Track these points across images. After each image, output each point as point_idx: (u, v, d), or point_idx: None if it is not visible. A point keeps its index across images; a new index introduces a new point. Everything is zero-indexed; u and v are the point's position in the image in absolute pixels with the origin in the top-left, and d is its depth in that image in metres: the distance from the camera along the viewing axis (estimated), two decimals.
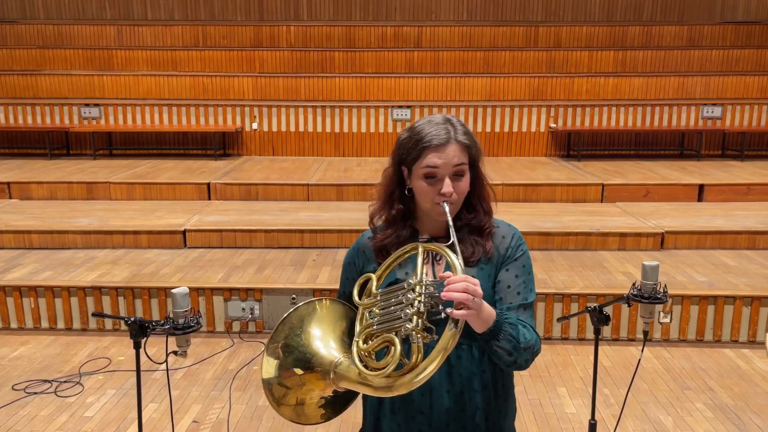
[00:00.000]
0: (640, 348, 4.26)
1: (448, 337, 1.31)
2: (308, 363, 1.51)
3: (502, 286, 1.55)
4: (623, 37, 9.35)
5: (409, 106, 8.04)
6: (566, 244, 5.29)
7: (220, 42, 9.41)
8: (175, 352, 2.09)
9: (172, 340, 2.17)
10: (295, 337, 1.52)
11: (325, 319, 1.57)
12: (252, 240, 5.36)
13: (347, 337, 1.57)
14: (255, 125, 8.13)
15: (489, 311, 1.42)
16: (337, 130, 8.16)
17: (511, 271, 1.55)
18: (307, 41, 9.36)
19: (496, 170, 7.09)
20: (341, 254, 5.18)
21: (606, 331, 4.37)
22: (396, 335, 1.37)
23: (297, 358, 1.51)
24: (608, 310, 2.34)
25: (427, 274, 1.42)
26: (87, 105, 8.12)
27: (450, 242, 1.41)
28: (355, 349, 1.45)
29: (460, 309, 1.31)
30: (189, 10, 9.71)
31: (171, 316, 2.06)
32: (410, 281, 1.40)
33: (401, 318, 1.37)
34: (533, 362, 1.53)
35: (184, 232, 5.33)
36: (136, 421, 2.40)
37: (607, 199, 6.38)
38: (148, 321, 2.14)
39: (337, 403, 1.58)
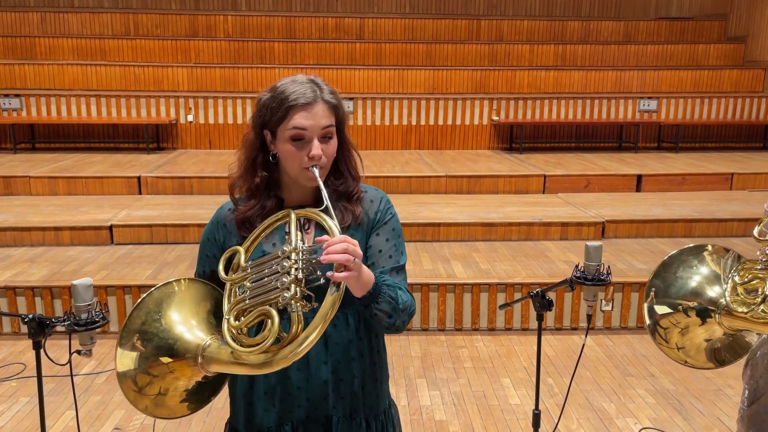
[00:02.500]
0: (582, 337, 4.24)
1: (330, 302, 1.24)
2: (172, 349, 1.37)
3: (374, 251, 1.50)
4: (563, 32, 9.46)
5: (351, 98, 7.87)
6: (509, 234, 5.24)
7: (153, 31, 9.01)
8: (78, 352, 1.86)
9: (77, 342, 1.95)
10: (153, 323, 1.37)
11: (186, 301, 1.43)
12: (185, 235, 5.09)
13: (213, 318, 1.44)
14: (191, 117, 7.79)
15: (368, 274, 1.36)
16: None
17: (381, 236, 1.51)
18: (245, 31, 9.07)
19: (439, 162, 7.01)
20: None
21: (549, 320, 4.32)
22: (272, 307, 1.27)
23: (158, 346, 1.36)
24: (551, 295, 2.25)
25: (303, 241, 1.33)
26: (6, 96, 7.59)
27: (324, 206, 1.33)
28: (225, 327, 1.33)
29: (341, 272, 1.25)
30: None
31: (72, 311, 1.83)
32: (284, 248, 1.30)
33: (277, 288, 1.27)
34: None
35: (110, 228, 5.01)
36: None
37: (549, 190, 6.39)
38: (48, 318, 1.90)
39: (203, 392, 1.45)
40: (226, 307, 1.36)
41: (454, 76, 8.40)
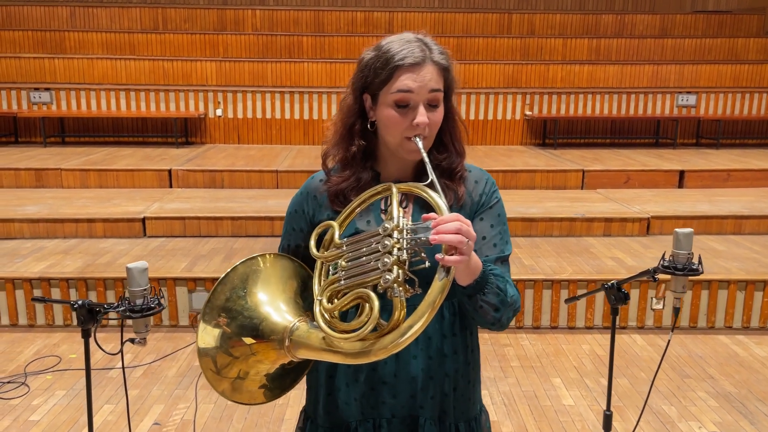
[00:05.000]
0: (634, 336, 4.07)
1: (439, 289, 1.08)
2: (256, 330, 1.24)
3: (477, 237, 1.30)
4: (596, 26, 9.25)
5: None
6: (550, 230, 5.07)
7: (182, 26, 8.96)
8: (132, 340, 1.75)
9: (127, 334, 1.83)
10: (238, 300, 1.25)
11: (272, 278, 1.30)
12: (218, 228, 4.99)
13: (300, 299, 1.31)
14: (219, 111, 7.71)
15: (476, 260, 1.20)
16: (306, 116, 7.80)
17: (486, 221, 1.35)
18: (273, 26, 8.99)
19: (471, 157, 6.79)
20: None
21: (597, 318, 4.15)
22: (370, 290, 1.13)
23: (242, 325, 1.24)
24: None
25: (405, 218, 1.16)
26: (37, 89, 7.57)
27: (429, 180, 1.17)
28: (318, 310, 1.19)
29: (452, 254, 1.08)
30: None
31: (127, 296, 1.71)
32: (386, 225, 1.14)
33: (378, 269, 1.12)
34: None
35: (143, 220, 4.92)
36: (87, 425, 2.04)
37: (588, 186, 6.19)
38: (99, 304, 1.79)
39: (284, 379, 1.32)
40: (317, 287, 1.23)
41: (486, 71, 8.23)
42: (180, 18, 8.95)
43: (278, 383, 1.31)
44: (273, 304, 1.27)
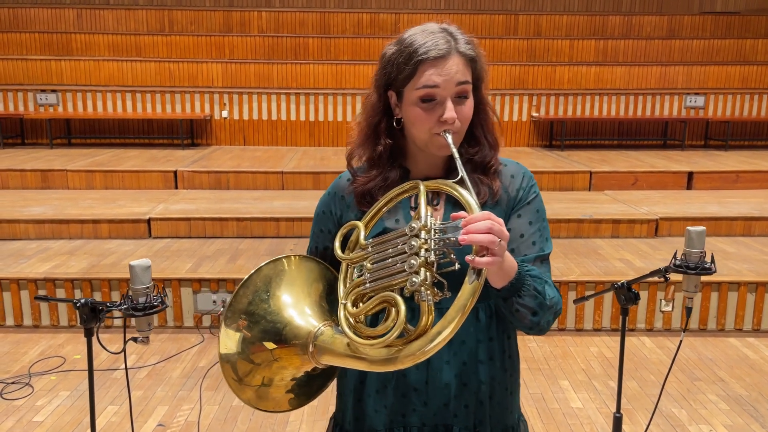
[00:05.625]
0: (643, 338, 4.02)
1: (469, 292, 1.01)
2: (280, 334, 1.19)
3: (514, 235, 1.25)
4: (603, 27, 9.20)
5: None
6: (557, 231, 5.02)
7: (188, 28, 8.97)
8: (135, 339, 1.73)
9: (131, 334, 1.80)
10: (261, 304, 1.20)
11: (297, 281, 1.25)
12: (223, 229, 4.97)
13: (326, 302, 1.26)
14: (225, 113, 7.71)
15: (510, 260, 1.13)
16: (312, 118, 7.79)
17: (523, 217, 1.27)
18: (279, 28, 8.98)
19: None
20: None
21: (605, 320, 4.10)
22: (397, 294, 1.07)
23: (265, 330, 1.19)
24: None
25: (433, 217, 1.10)
26: (43, 91, 7.59)
27: (459, 177, 1.11)
28: (342, 314, 1.14)
29: (483, 256, 1.02)
30: None
31: (130, 294, 1.69)
32: (413, 225, 1.08)
33: (404, 271, 1.06)
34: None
35: (148, 221, 4.91)
36: (90, 426, 2.02)
37: (595, 188, 6.15)
38: (102, 303, 1.76)
39: (311, 386, 1.27)
40: (342, 290, 1.18)
41: (493, 72, 8.18)
42: (186, 20, 8.96)
43: (304, 390, 1.26)
44: (297, 308, 1.22)
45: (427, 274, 1.04)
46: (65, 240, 4.82)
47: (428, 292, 1.03)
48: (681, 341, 2.04)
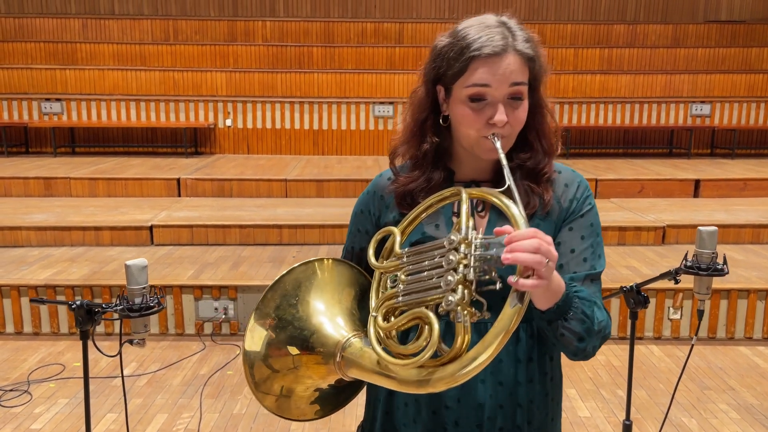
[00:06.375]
0: (651, 347, 3.95)
1: (510, 317, 0.93)
2: (306, 342, 1.13)
3: (564, 249, 1.15)
4: (608, 36, 9.19)
5: (391, 102, 7.70)
6: None
7: (192, 37, 9.00)
8: (130, 341, 1.68)
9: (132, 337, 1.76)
10: (289, 308, 1.14)
11: (329, 286, 1.18)
12: (226, 236, 4.93)
13: (357, 309, 1.18)
14: (229, 121, 7.70)
15: (558, 281, 1.03)
16: (315, 127, 7.77)
17: (575, 231, 1.17)
18: (283, 37, 9.00)
19: None
20: (323, 251, 4.78)
21: (613, 328, 4.03)
22: (431, 311, 1.00)
23: (292, 335, 1.13)
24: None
25: (475, 230, 1.02)
26: (48, 100, 7.60)
27: (505, 186, 1.02)
28: (372, 329, 1.06)
29: (528, 277, 0.93)
30: (159, 5, 9.30)
31: (125, 294, 1.65)
32: (452, 238, 1.00)
33: (440, 287, 0.98)
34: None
35: (150, 228, 4.88)
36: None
37: (601, 195, 6.09)
38: (97, 304, 1.72)
39: (337, 396, 1.20)
40: (373, 301, 1.11)
41: None
42: (191, 29, 8.99)
43: (329, 402, 1.20)
44: (326, 315, 1.16)
45: (465, 292, 0.96)
46: (67, 247, 4.80)
47: (465, 312, 0.96)
48: (693, 345, 1.99)
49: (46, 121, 7.57)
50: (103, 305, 1.70)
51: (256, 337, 1.13)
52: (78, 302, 1.75)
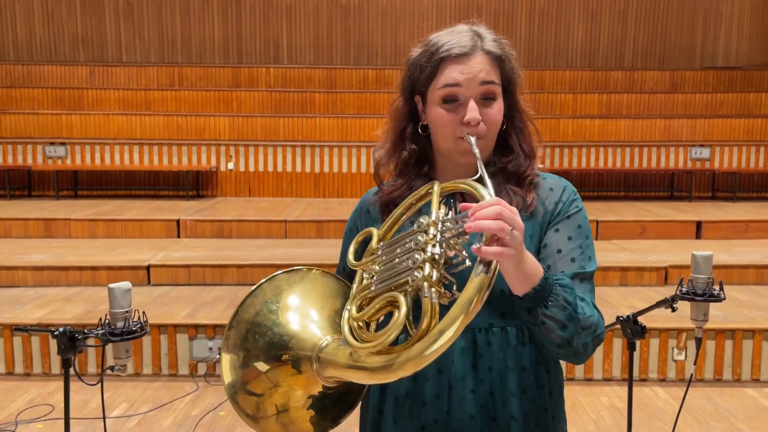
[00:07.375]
0: (656, 389, 3.85)
1: (475, 287, 0.90)
2: (283, 348, 1.09)
3: (550, 250, 1.13)
4: (606, 82, 9.32)
5: None
6: None
7: (197, 83, 9.16)
8: (111, 368, 1.63)
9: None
10: (269, 315, 1.10)
11: (312, 294, 1.16)
12: (223, 276, 4.89)
13: (339, 317, 1.14)
14: (231, 165, 7.76)
15: (533, 262, 1.02)
16: (317, 170, 7.82)
17: (562, 232, 1.15)
18: (286, 83, 9.16)
19: None
20: None
21: (615, 369, 3.94)
22: (402, 293, 0.97)
23: (271, 342, 1.09)
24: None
25: (446, 214, 1.02)
26: (52, 144, 7.69)
27: (477, 175, 1.04)
28: (345, 319, 1.04)
29: (493, 246, 0.92)
30: (165, 54, 9.52)
31: (107, 319, 1.61)
32: (421, 221, 1.02)
33: (409, 268, 0.97)
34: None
35: (148, 268, 4.85)
36: None
37: (602, 237, 6.06)
38: (79, 330, 1.69)
39: (332, 407, 1.14)
40: (351, 294, 1.10)
41: None
42: (195, 76, 9.17)
43: (324, 412, 1.13)
44: (306, 321, 1.13)
45: (433, 270, 0.94)
46: (63, 287, 4.76)
47: (432, 289, 0.93)
48: (692, 375, 1.92)
49: (50, 164, 7.63)
50: (85, 330, 1.66)
51: (228, 364, 1.10)
52: (61, 329, 1.72)
